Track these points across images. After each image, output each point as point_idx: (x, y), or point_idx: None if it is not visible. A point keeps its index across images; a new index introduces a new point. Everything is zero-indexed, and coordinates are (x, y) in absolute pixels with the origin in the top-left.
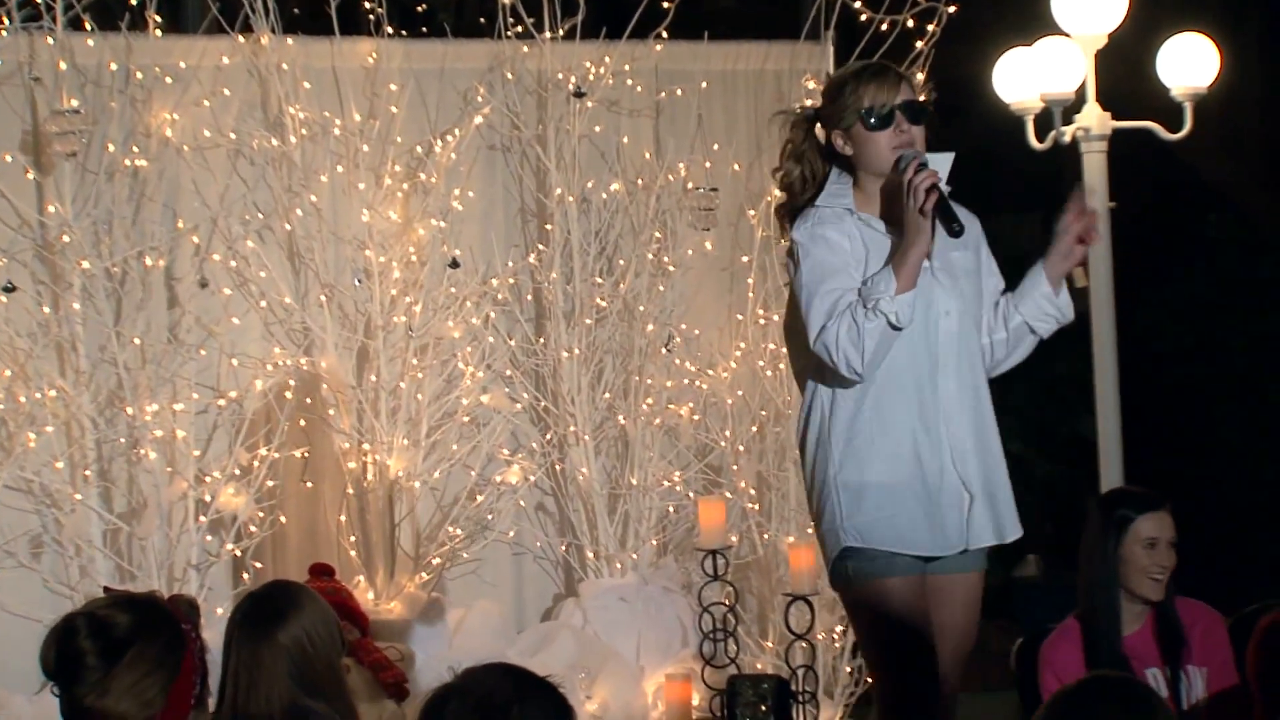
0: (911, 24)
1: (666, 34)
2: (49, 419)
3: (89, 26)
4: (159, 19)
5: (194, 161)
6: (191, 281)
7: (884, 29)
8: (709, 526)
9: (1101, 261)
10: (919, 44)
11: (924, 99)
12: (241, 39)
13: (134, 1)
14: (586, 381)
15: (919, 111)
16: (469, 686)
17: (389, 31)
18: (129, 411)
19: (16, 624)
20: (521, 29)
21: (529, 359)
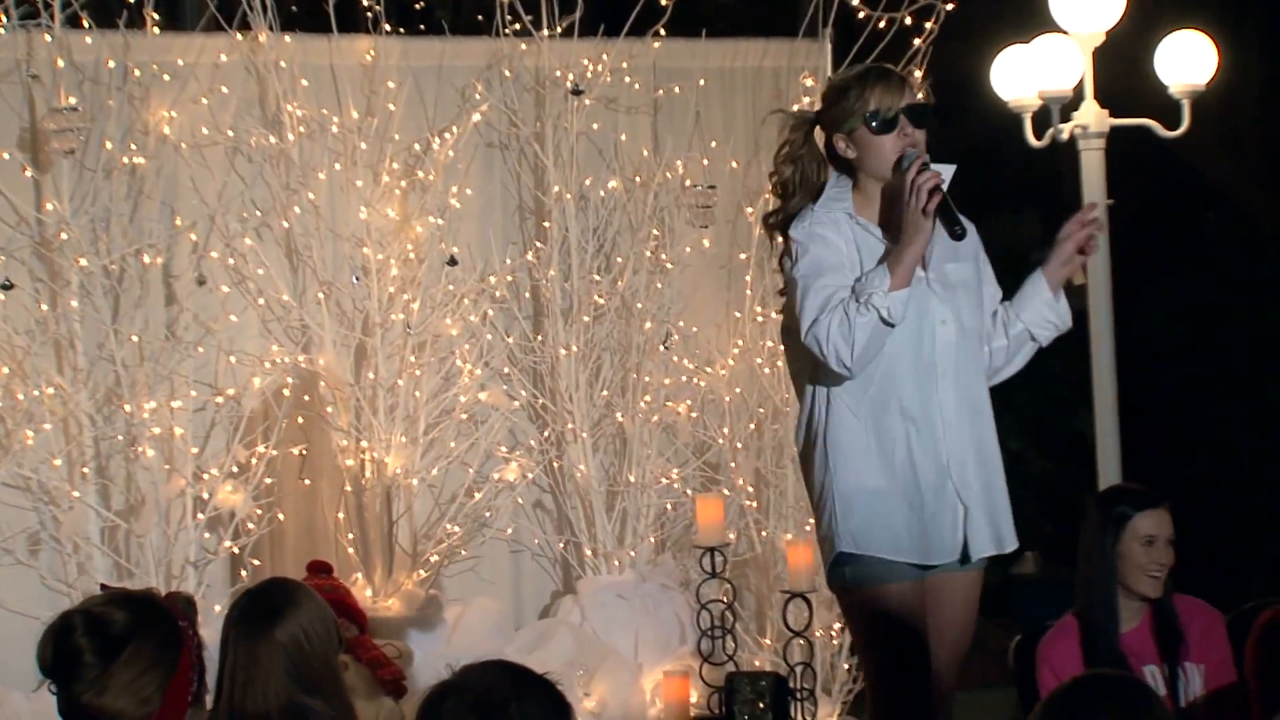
0: (909, 21)
1: (664, 31)
2: (47, 416)
3: (87, 24)
4: (157, 16)
5: (192, 159)
6: (189, 279)
7: (881, 26)
8: (707, 524)
9: (1100, 259)
10: (917, 41)
11: (924, 98)
12: (239, 36)
13: None
14: (584, 379)
15: (923, 114)
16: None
17: (387, 29)
18: (127, 409)
19: (14, 621)
20: (519, 26)
21: (527, 356)
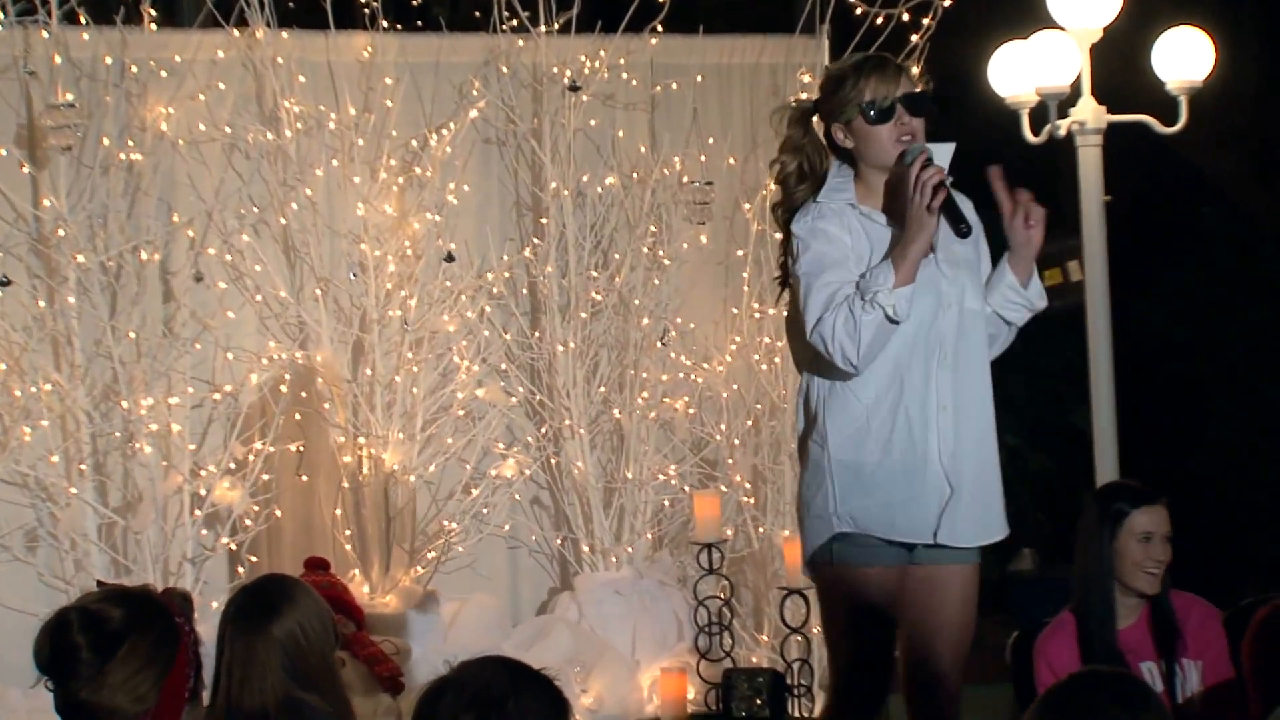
0: (906, 18)
1: (661, 28)
2: (44, 413)
3: (84, 20)
4: (154, 13)
5: (189, 155)
6: (187, 275)
7: (879, 23)
8: (704, 520)
9: (1096, 255)
10: (914, 38)
11: (922, 89)
12: (236, 33)
13: None
14: (582, 375)
15: (920, 103)
16: (464, 680)
17: (384, 25)
18: (124, 405)
19: (11, 618)
20: (516, 23)
21: (524, 353)
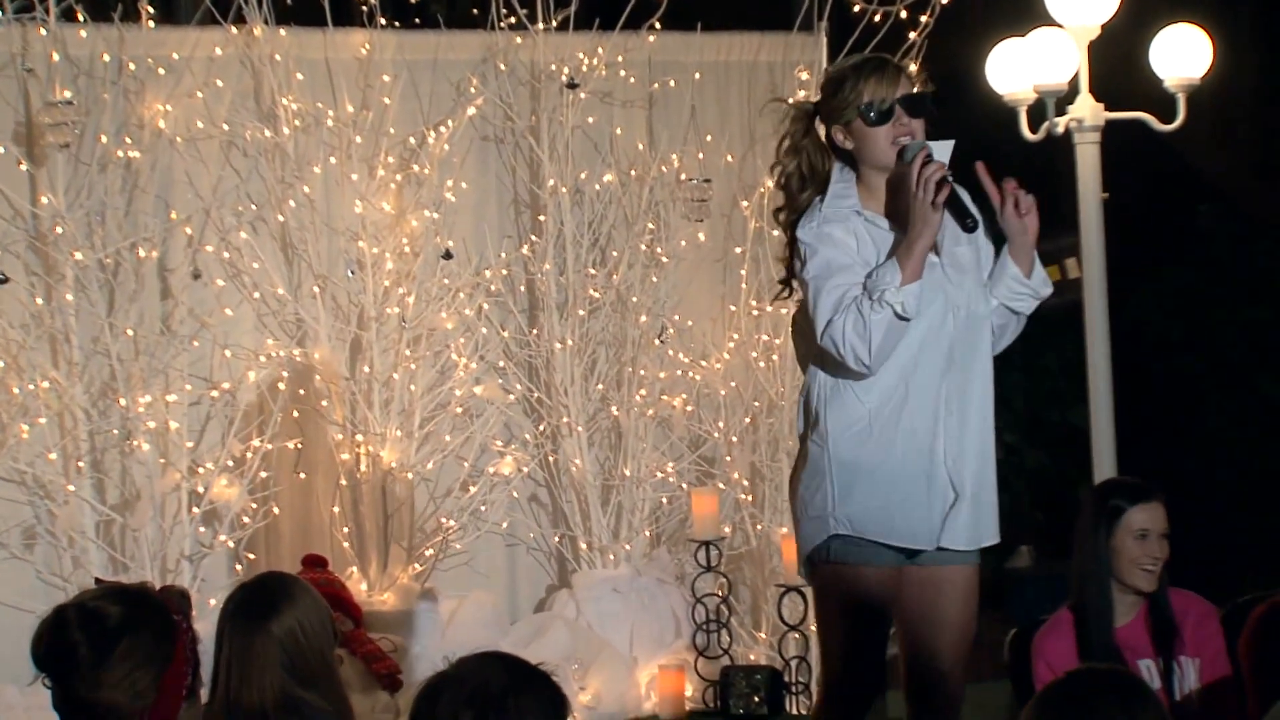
0: (904, 15)
1: (659, 25)
2: (42, 410)
3: (82, 18)
4: (152, 10)
5: (187, 153)
6: (184, 273)
7: (877, 20)
8: (702, 518)
9: (1094, 251)
10: (912, 35)
11: (922, 89)
12: (234, 30)
13: None
14: (579, 373)
15: (919, 105)
16: (463, 676)
17: (382, 22)
18: (122, 403)
19: (9, 615)
20: (514, 20)
21: (522, 350)
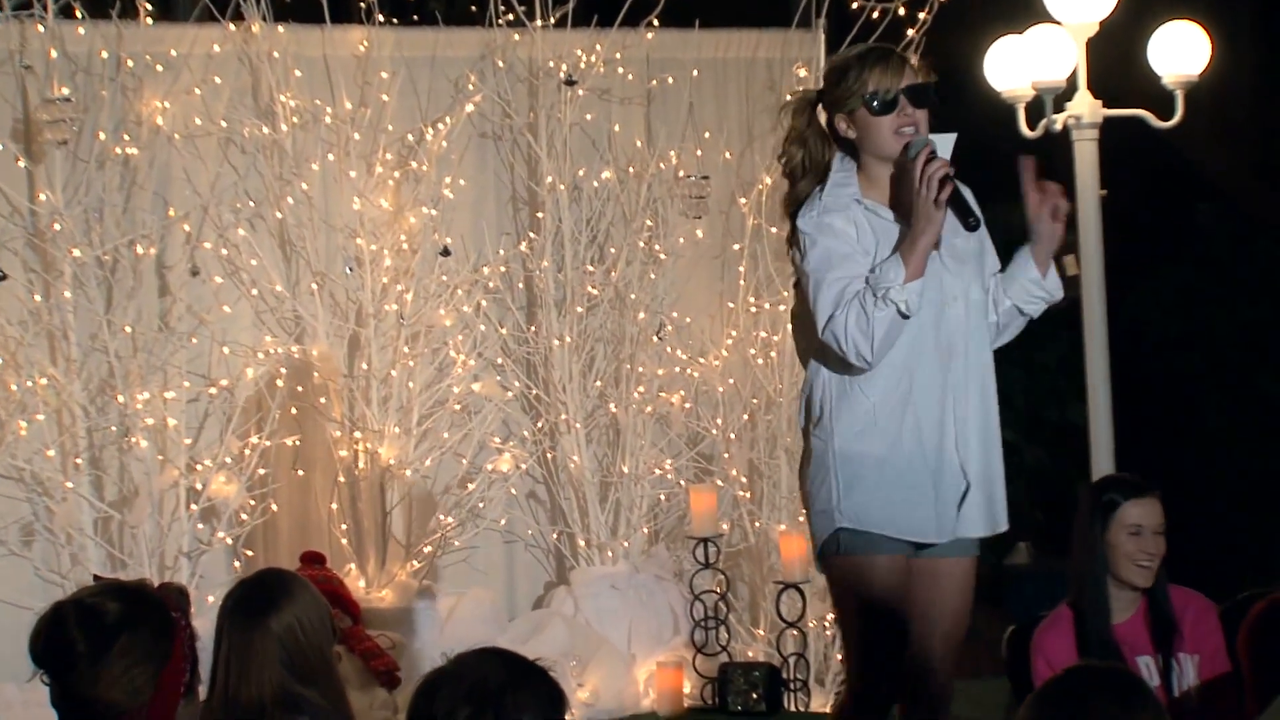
0: (903, 12)
1: (658, 22)
2: (40, 407)
3: (80, 14)
4: (150, 7)
5: (185, 149)
6: (183, 269)
7: (875, 17)
8: (700, 514)
9: (1092, 249)
10: (910, 32)
11: (927, 80)
12: (232, 27)
13: None
14: (578, 369)
15: (923, 95)
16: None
17: (380, 19)
18: (120, 399)
19: (7, 612)
20: (512, 17)
21: (520, 347)
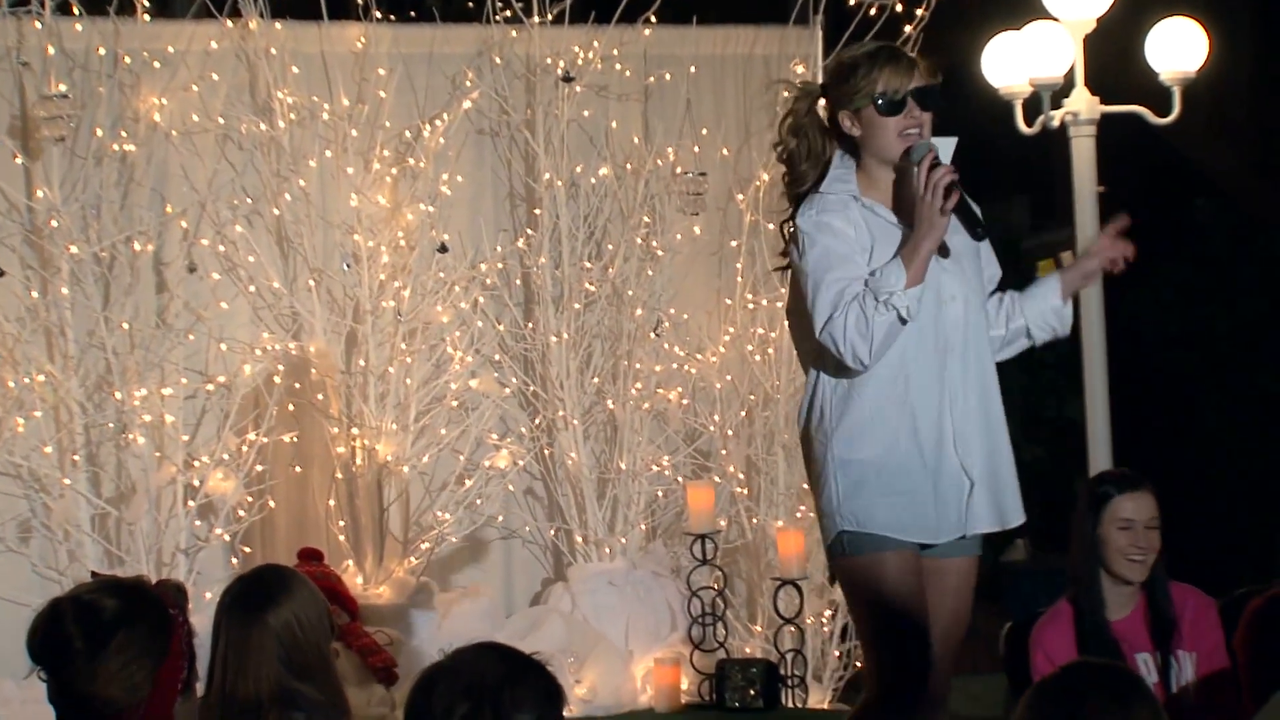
0: (900, 8)
1: (655, 18)
2: (37, 404)
3: (77, 11)
4: (147, 3)
5: (182, 146)
6: (180, 266)
7: (873, 13)
8: (697, 511)
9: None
10: (907, 28)
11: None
12: (230, 23)
13: None
14: (575, 366)
15: (930, 97)
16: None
17: (377, 16)
18: (117, 396)
19: (5, 608)
20: (510, 14)
21: (517, 344)
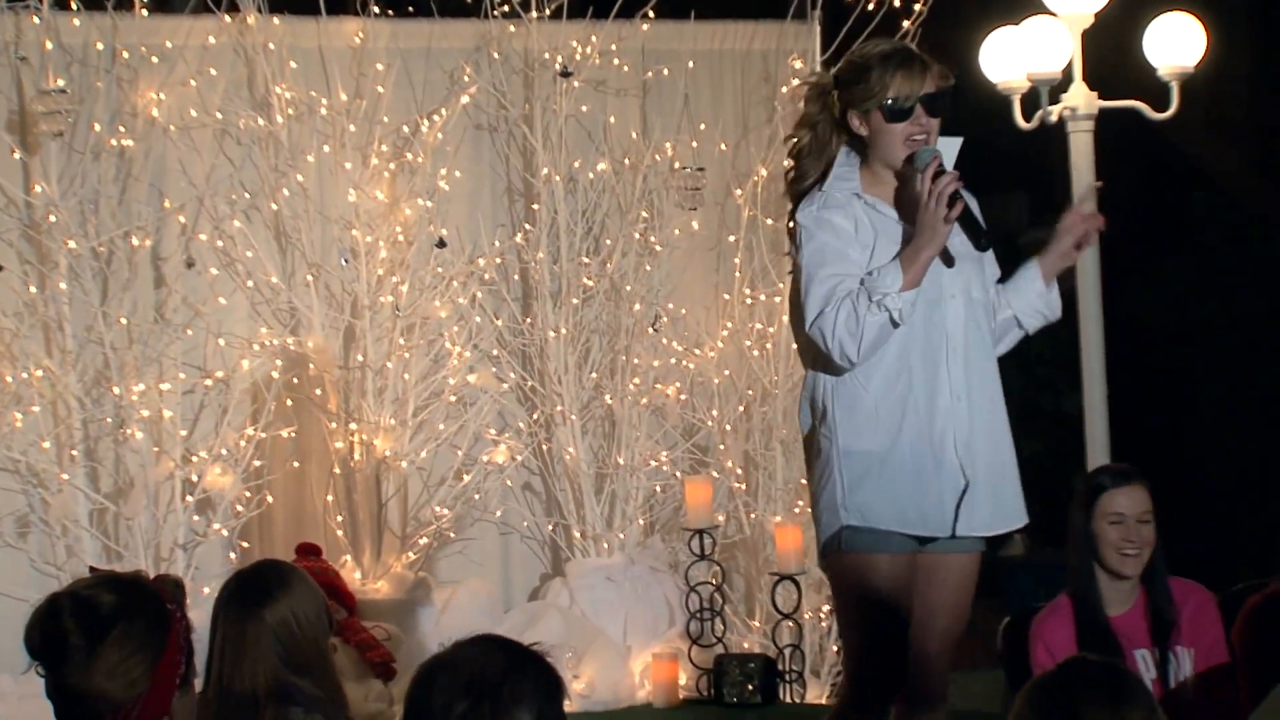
0: (898, 3)
1: (653, 13)
2: (35, 399)
3: (75, 6)
4: None
5: (180, 141)
6: (178, 261)
7: (871, 8)
8: (696, 506)
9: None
10: (906, 24)
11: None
12: (228, 18)
13: None
14: (573, 361)
15: (939, 104)
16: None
17: (375, 11)
18: (115, 391)
19: (3, 604)
20: (508, 8)
21: (516, 339)
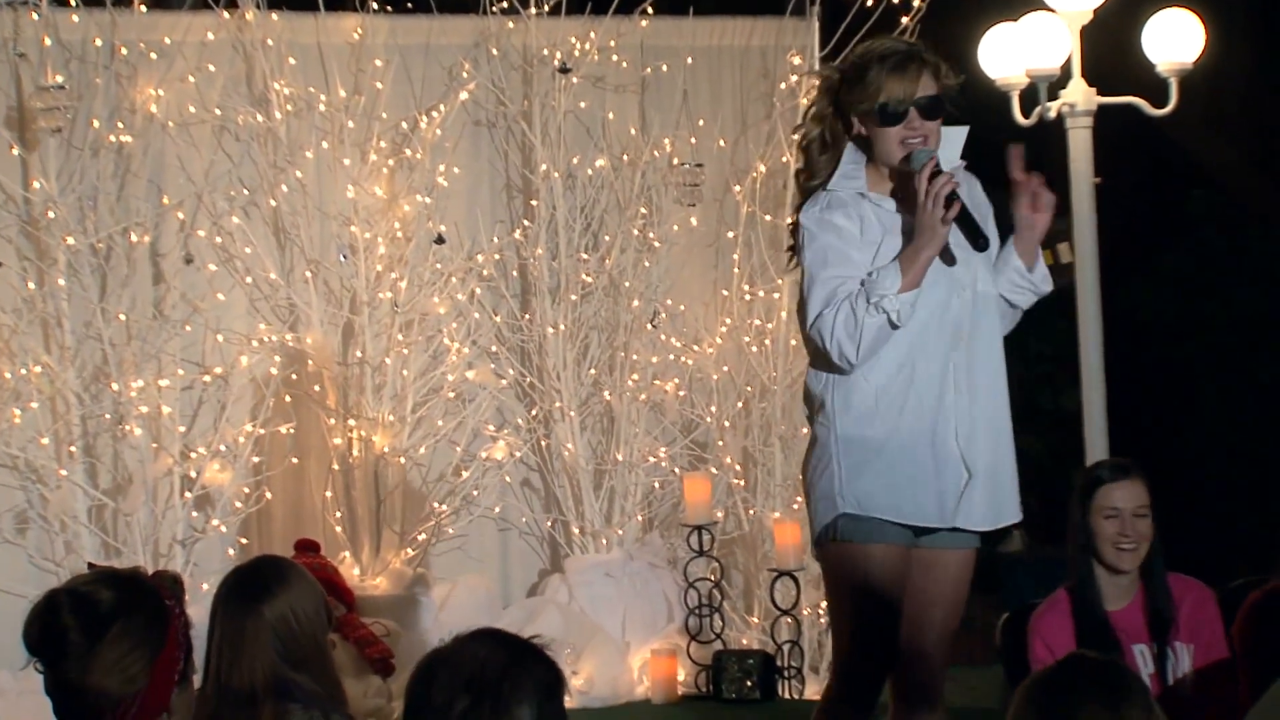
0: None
1: (652, 9)
2: (34, 395)
3: (74, 3)
4: None
5: (179, 137)
6: (177, 257)
7: (869, 5)
8: (694, 502)
9: (1087, 237)
10: (904, 20)
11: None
12: (226, 14)
13: None
14: (572, 357)
15: (935, 107)
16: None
17: (374, 7)
18: (114, 387)
19: (2, 600)
20: (507, 4)
21: (514, 335)
